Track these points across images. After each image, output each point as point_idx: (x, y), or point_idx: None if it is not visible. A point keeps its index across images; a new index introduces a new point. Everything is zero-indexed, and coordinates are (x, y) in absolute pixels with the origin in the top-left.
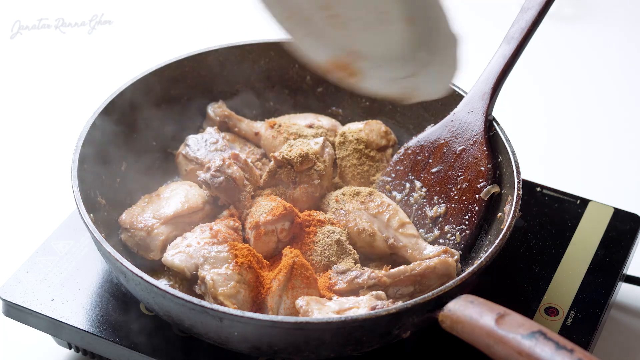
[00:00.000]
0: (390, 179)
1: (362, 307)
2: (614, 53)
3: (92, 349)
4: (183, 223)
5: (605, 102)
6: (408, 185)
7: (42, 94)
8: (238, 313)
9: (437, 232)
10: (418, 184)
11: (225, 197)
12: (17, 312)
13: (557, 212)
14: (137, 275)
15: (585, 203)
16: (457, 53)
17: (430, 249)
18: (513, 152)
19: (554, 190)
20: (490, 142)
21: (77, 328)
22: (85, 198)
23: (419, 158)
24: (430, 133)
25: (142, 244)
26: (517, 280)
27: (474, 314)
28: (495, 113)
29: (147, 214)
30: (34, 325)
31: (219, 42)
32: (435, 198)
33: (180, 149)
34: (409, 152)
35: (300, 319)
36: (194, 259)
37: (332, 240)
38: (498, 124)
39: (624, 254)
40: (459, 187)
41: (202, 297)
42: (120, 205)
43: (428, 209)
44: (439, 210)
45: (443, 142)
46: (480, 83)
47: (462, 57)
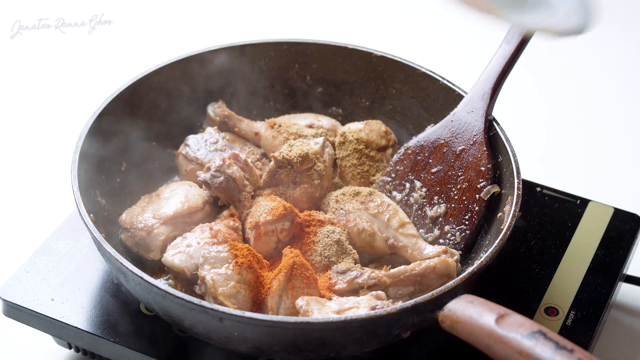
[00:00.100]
0: (390, 179)
1: (362, 307)
2: (614, 53)
3: (92, 349)
4: (183, 223)
5: (605, 102)
6: (408, 185)
7: (42, 94)
8: (238, 313)
9: (437, 232)
10: (418, 184)
11: (225, 197)
12: (17, 312)
13: (557, 212)
14: (137, 275)
15: (585, 203)
16: None
17: (430, 249)
18: (513, 152)
19: (554, 190)
20: (490, 142)
21: (77, 328)
22: (85, 198)
23: (419, 158)
24: (430, 133)
25: (142, 244)
26: (517, 280)
27: (474, 314)
28: (496, 113)
29: (147, 214)
30: (34, 325)
31: (219, 42)
32: (435, 198)
33: (180, 149)
34: (409, 152)
35: (300, 319)
36: (194, 259)
37: (332, 240)
38: (498, 124)
39: (624, 254)
40: (459, 187)
41: (202, 297)
42: (120, 205)
43: (428, 209)
44: (439, 210)
45: (443, 142)
46: (480, 83)
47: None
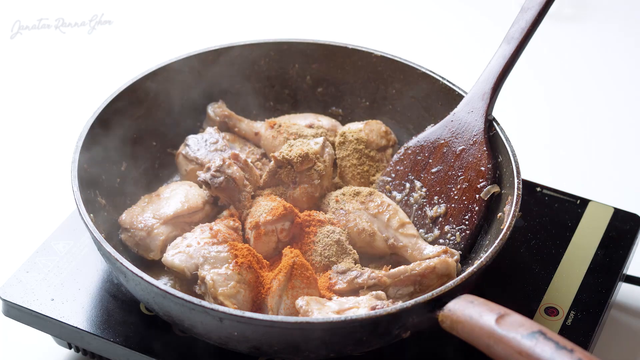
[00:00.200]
0: (390, 179)
1: (362, 307)
2: (614, 53)
3: (92, 349)
4: (183, 223)
5: (606, 102)
6: (408, 185)
7: (42, 94)
8: (238, 313)
9: (437, 232)
10: (418, 184)
11: (225, 197)
12: (17, 312)
13: (557, 212)
14: (137, 275)
15: (585, 203)
16: None
17: (430, 249)
18: (513, 152)
19: (554, 190)
20: (490, 142)
21: (77, 328)
22: (85, 198)
23: (419, 158)
24: (430, 133)
25: (142, 244)
26: (517, 280)
27: (474, 314)
28: (496, 113)
29: (147, 214)
30: (34, 325)
31: (219, 42)
32: (435, 198)
33: (180, 149)
34: (409, 152)
35: (300, 319)
36: (194, 259)
37: (332, 240)
38: (498, 124)
39: (624, 254)
40: (459, 187)
41: (202, 297)
42: (120, 205)
43: (428, 209)
44: (439, 210)
45: (443, 142)
46: (480, 83)
47: None
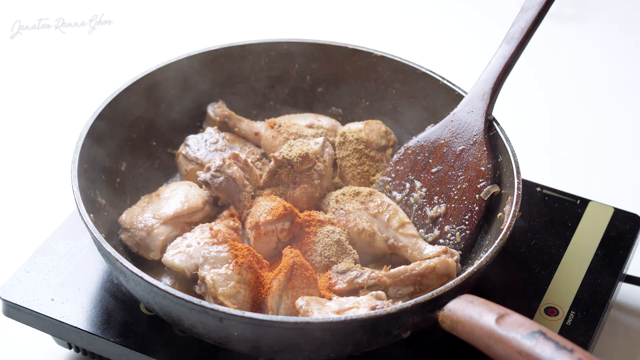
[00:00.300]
0: (390, 179)
1: (362, 307)
2: (614, 53)
3: (92, 349)
4: (183, 223)
5: (605, 102)
6: (408, 185)
7: (42, 94)
8: (238, 313)
9: (437, 232)
10: (418, 184)
11: (225, 197)
12: (17, 312)
13: (557, 212)
14: (137, 275)
15: (585, 203)
16: None
17: (430, 249)
18: (513, 152)
19: (554, 190)
20: (490, 142)
21: (77, 328)
22: (85, 198)
23: (419, 158)
24: (430, 133)
25: (142, 244)
26: (517, 280)
27: (474, 314)
28: (496, 113)
29: (147, 214)
30: (34, 325)
31: (219, 42)
32: (435, 198)
33: (180, 149)
34: (409, 152)
35: (300, 319)
36: (194, 259)
37: (332, 240)
38: (498, 124)
39: (624, 254)
40: (459, 187)
41: (202, 297)
42: (120, 205)
43: (428, 209)
44: (439, 210)
45: (443, 142)
46: (480, 83)
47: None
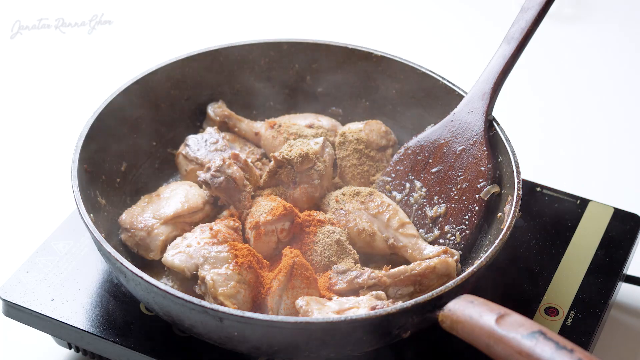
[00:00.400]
0: (390, 179)
1: (362, 307)
2: (614, 53)
3: (92, 349)
4: (183, 223)
5: (606, 102)
6: (408, 185)
7: (42, 94)
8: (238, 313)
9: (437, 232)
10: (418, 184)
11: (225, 197)
12: (17, 312)
13: (557, 212)
14: (137, 275)
15: (585, 203)
16: None
17: (430, 249)
18: (513, 152)
19: (554, 190)
20: (490, 142)
21: (77, 328)
22: (85, 198)
23: (419, 158)
24: (430, 133)
25: (142, 244)
26: (517, 280)
27: (474, 314)
28: (495, 113)
29: (147, 214)
30: (34, 325)
31: (219, 42)
32: (435, 198)
33: (180, 149)
34: (409, 152)
35: (300, 319)
36: (194, 259)
37: (332, 240)
38: (498, 124)
39: (624, 254)
40: (459, 187)
41: (202, 297)
42: (120, 205)
43: (428, 209)
44: (439, 210)
45: (443, 142)
46: (480, 83)
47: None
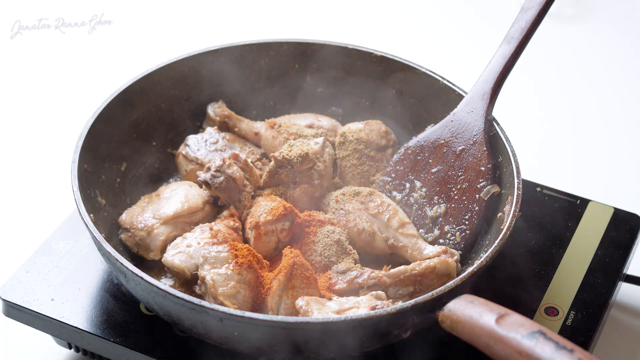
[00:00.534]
0: (390, 179)
1: (362, 307)
2: (614, 53)
3: (92, 349)
4: (183, 223)
5: (606, 102)
6: (408, 185)
7: (42, 94)
8: (238, 313)
9: (437, 232)
10: (418, 184)
11: (225, 197)
12: (17, 312)
13: (557, 212)
14: (137, 275)
15: (585, 203)
16: None
17: (430, 249)
18: (513, 152)
19: (554, 190)
20: (490, 142)
21: (77, 328)
22: (85, 198)
23: (419, 158)
24: (430, 133)
25: (142, 244)
26: (517, 280)
27: (474, 314)
28: (495, 113)
29: (147, 214)
30: (34, 325)
31: (219, 42)
32: (435, 198)
33: (180, 149)
34: (409, 152)
35: (300, 319)
36: (194, 259)
37: (332, 240)
38: (498, 124)
39: (624, 254)
40: (459, 187)
41: (202, 297)
42: (120, 205)
43: (428, 209)
44: (439, 210)
45: (443, 142)
46: (480, 83)
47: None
